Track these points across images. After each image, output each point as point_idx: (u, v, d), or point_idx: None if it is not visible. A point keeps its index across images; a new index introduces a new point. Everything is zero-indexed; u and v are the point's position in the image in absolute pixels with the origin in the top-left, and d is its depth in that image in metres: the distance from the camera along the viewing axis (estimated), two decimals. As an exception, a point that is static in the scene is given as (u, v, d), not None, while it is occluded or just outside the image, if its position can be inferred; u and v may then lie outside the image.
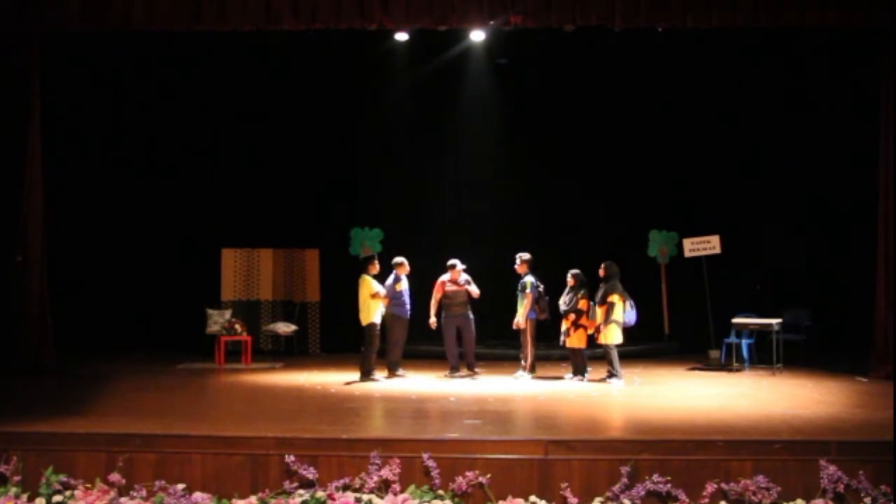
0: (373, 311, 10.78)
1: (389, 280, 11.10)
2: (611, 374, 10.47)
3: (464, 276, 11.20)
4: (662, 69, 13.78)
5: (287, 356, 13.40)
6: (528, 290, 10.87)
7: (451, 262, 11.21)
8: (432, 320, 11.23)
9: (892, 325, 10.68)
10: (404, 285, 11.16)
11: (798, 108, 13.66)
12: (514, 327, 11.04)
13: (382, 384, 10.49)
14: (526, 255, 11.10)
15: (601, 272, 10.74)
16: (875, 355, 10.86)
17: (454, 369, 11.15)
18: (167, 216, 14.02)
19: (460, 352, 11.27)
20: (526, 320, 10.89)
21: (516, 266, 11.09)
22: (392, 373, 11.05)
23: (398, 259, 11.26)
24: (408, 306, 11.18)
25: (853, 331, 11.91)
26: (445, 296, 11.17)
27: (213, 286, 13.88)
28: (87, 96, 13.64)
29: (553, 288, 11.21)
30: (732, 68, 13.65)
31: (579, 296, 10.66)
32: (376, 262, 11.04)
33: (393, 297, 10.99)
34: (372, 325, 10.81)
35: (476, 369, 11.19)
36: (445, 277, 11.18)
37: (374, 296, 10.74)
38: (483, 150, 14.54)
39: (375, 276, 10.95)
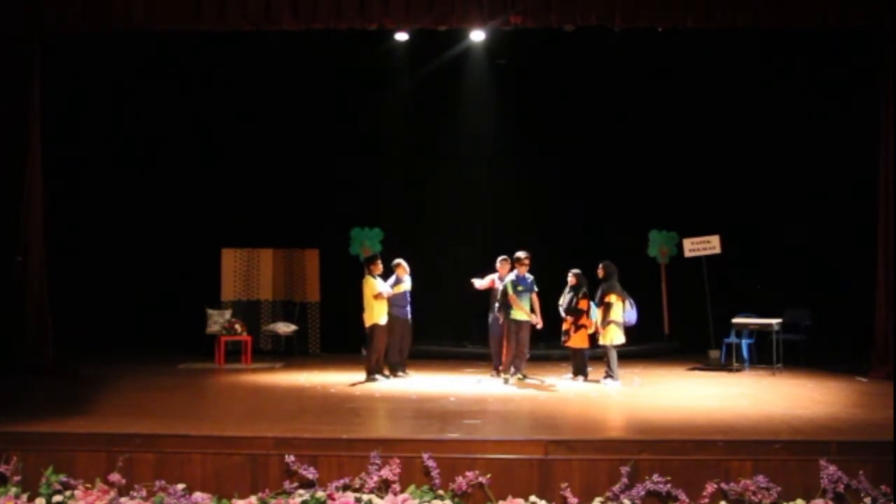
0: (376, 312, 10.71)
1: (390, 281, 11.05)
2: (608, 375, 10.45)
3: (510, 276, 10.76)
4: (662, 69, 13.78)
5: (287, 356, 13.40)
6: (534, 290, 10.73)
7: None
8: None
9: (892, 325, 10.68)
10: (406, 286, 11.11)
11: (798, 108, 13.65)
12: (539, 327, 10.74)
13: (382, 384, 10.47)
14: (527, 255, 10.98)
15: (599, 272, 10.73)
16: (875, 355, 10.86)
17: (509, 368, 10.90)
18: (167, 216, 14.03)
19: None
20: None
21: (523, 266, 10.71)
22: (393, 373, 11.01)
23: (396, 260, 11.20)
24: (408, 307, 11.13)
25: (853, 331, 11.91)
26: (493, 294, 11.06)
27: (213, 286, 13.89)
28: (88, 96, 13.64)
29: (552, 288, 11.19)
30: (732, 68, 13.65)
31: (580, 295, 10.65)
32: (379, 262, 10.95)
33: (394, 299, 10.93)
34: (375, 327, 10.73)
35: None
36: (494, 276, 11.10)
37: (377, 296, 10.68)
38: (483, 149, 14.54)
39: (380, 276, 10.89)
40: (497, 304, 10.78)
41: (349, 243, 14.15)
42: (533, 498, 6.57)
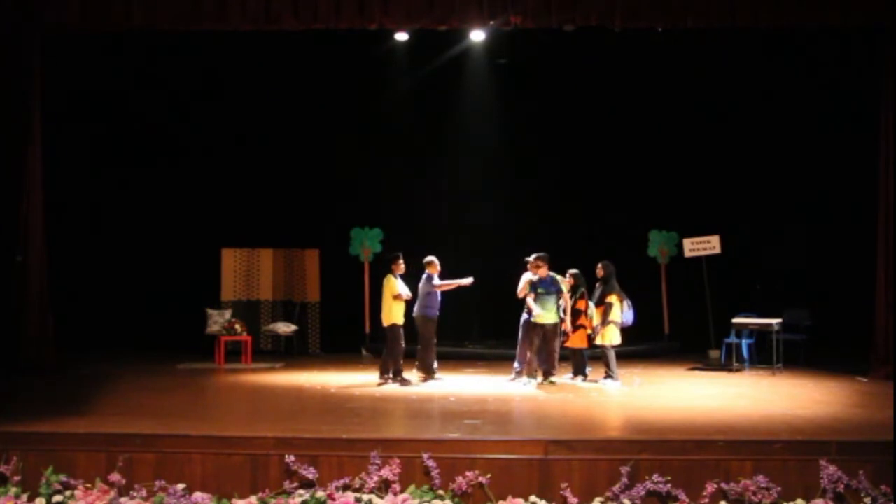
0: (394, 313, 10.56)
1: (422, 281, 10.77)
2: (607, 375, 10.46)
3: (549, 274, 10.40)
4: (662, 69, 13.78)
5: (287, 356, 13.40)
6: (561, 291, 10.49)
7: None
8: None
9: (892, 327, 10.68)
10: (437, 284, 10.76)
11: (798, 108, 13.66)
12: (563, 328, 10.55)
13: (387, 386, 10.39)
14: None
15: (599, 272, 10.74)
16: (875, 355, 10.86)
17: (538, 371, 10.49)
18: (167, 216, 14.03)
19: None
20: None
21: (536, 268, 10.42)
22: (429, 375, 10.74)
23: (429, 258, 10.90)
24: (436, 309, 10.77)
25: (853, 331, 11.90)
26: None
27: (213, 286, 13.89)
28: (88, 96, 13.64)
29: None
30: (732, 68, 13.65)
31: (578, 296, 10.65)
32: (401, 261, 10.75)
33: (426, 298, 10.71)
34: (393, 326, 10.57)
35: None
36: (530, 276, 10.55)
37: (397, 297, 10.53)
38: (483, 149, 14.55)
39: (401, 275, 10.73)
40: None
41: (349, 243, 14.15)
42: (533, 498, 6.57)
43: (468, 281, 11.00)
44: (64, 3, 10.76)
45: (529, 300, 10.42)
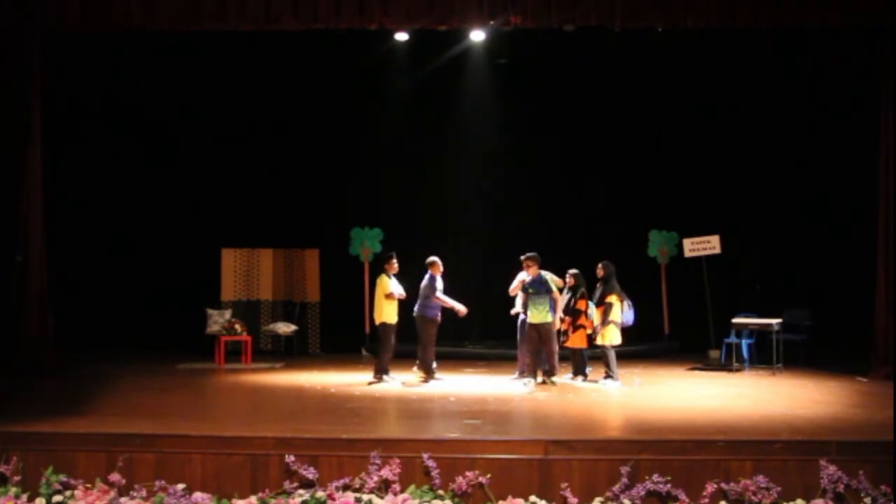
0: (385, 311, 10.60)
1: (425, 281, 10.73)
2: (607, 375, 10.45)
3: (545, 274, 10.33)
4: (662, 69, 13.78)
5: (287, 356, 13.40)
6: (551, 290, 10.43)
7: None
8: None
9: (892, 327, 10.68)
10: (439, 285, 10.75)
11: (798, 108, 13.66)
12: (554, 328, 10.43)
13: (387, 384, 10.42)
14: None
15: (599, 272, 10.73)
16: (875, 356, 10.86)
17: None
18: (167, 216, 14.03)
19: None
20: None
21: (526, 267, 10.41)
22: (430, 375, 10.72)
23: (431, 258, 10.86)
24: (437, 310, 10.75)
25: (853, 331, 11.90)
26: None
27: (213, 286, 13.89)
28: (88, 96, 13.65)
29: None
30: (732, 68, 13.65)
31: (578, 296, 10.64)
32: (394, 261, 10.77)
33: (426, 298, 10.67)
34: (383, 325, 10.62)
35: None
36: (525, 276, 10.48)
37: (388, 296, 10.58)
38: (483, 149, 14.55)
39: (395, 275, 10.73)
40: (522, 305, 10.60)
41: (349, 243, 14.15)
42: (533, 498, 6.57)
43: (463, 310, 10.85)
44: (64, 3, 10.75)
45: (518, 300, 10.45)
